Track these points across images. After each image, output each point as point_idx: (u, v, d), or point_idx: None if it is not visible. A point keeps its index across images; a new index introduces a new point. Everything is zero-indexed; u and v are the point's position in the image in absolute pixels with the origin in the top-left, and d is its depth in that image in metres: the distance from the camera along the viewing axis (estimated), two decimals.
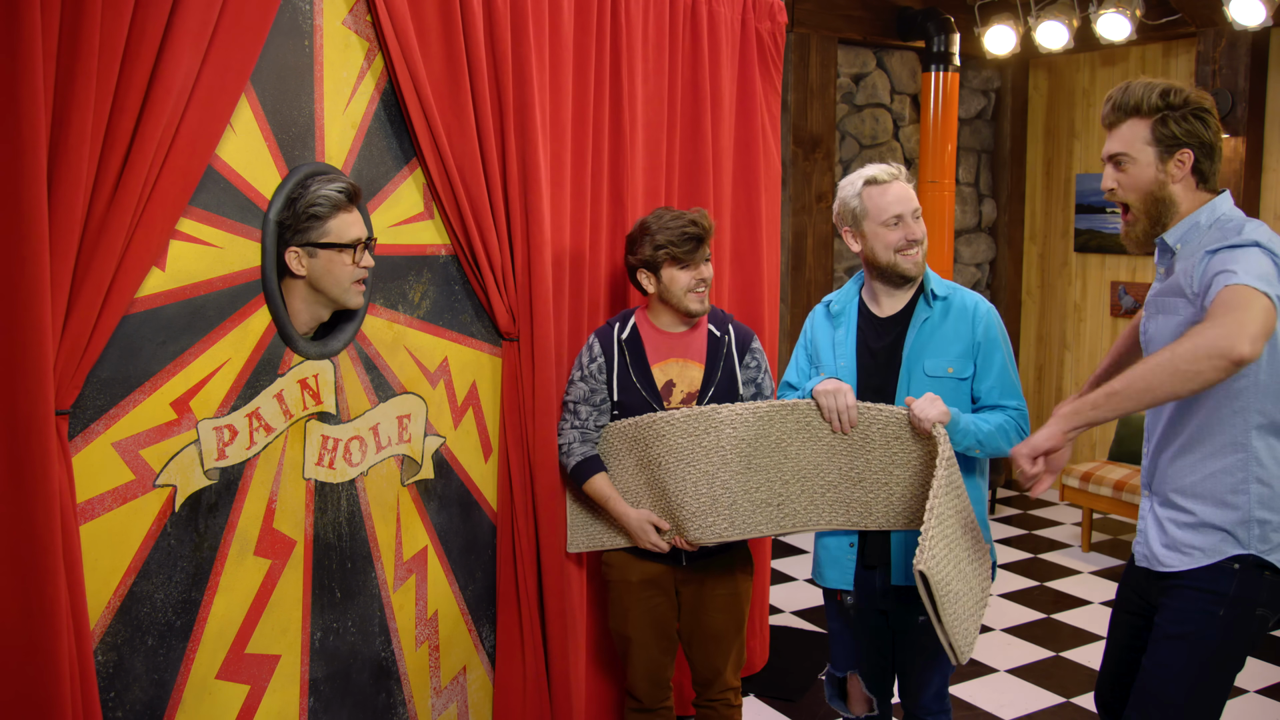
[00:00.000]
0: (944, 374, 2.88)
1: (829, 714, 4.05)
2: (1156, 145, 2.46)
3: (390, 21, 2.88)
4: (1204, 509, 2.44)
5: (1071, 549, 6.14)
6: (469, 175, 3.08)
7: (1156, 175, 2.47)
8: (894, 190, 2.92)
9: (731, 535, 3.01)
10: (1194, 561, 2.44)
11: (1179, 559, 2.47)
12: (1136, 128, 2.47)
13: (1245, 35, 5.61)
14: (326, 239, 2.68)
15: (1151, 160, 2.47)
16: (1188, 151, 2.46)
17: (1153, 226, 2.51)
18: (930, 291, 2.94)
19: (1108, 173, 2.55)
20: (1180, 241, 2.49)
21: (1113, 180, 2.53)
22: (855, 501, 2.94)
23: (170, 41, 2.39)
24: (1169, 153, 2.46)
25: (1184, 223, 2.49)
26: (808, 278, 5.73)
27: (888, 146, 6.54)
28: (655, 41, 3.64)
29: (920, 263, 2.94)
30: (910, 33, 6.08)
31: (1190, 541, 2.45)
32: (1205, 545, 2.44)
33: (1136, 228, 2.54)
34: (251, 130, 2.69)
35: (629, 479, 3.16)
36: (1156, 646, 2.47)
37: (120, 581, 2.54)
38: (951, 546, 2.64)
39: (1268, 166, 5.94)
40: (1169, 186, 2.48)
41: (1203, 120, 2.46)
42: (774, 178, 4.12)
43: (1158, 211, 2.50)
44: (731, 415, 2.99)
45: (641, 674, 3.24)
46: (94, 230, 2.32)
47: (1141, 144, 2.47)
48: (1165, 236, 2.51)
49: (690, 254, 3.05)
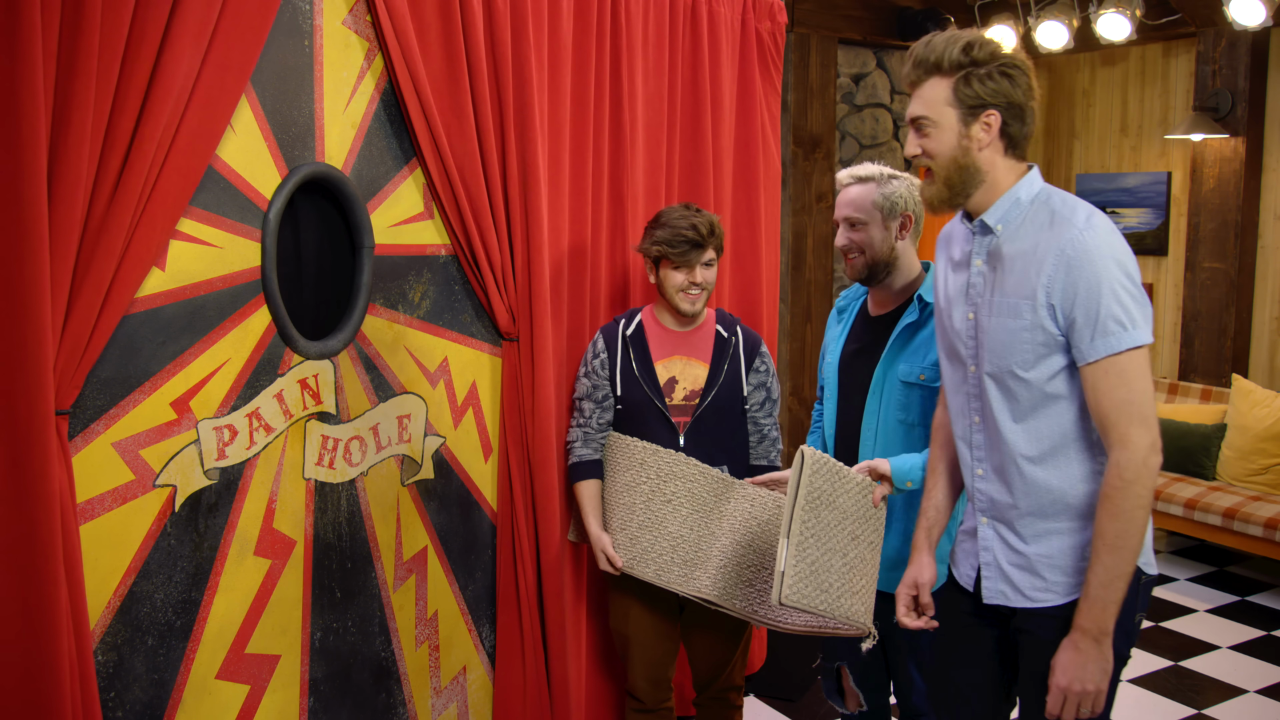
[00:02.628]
0: (916, 380, 2.80)
1: (828, 714, 4.05)
2: (959, 106, 2.20)
3: (390, 21, 2.88)
4: (1060, 543, 2.27)
5: None
6: (469, 175, 3.08)
7: (960, 140, 2.22)
8: (842, 194, 2.94)
9: (709, 596, 3.02)
10: (1068, 595, 2.26)
11: (1053, 593, 2.28)
12: (938, 87, 2.22)
13: (1245, 35, 5.61)
14: None
15: (954, 123, 2.22)
16: (994, 113, 2.20)
17: (952, 194, 2.26)
18: (918, 296, 2.87)
19: (910, 138, 2.30)
20: (1001, 221, 2.25)
21: (915, 146, 2.28)
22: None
23: (170, 41, 2.39)
24: (973, 115, 2.20)
25: (1003, 200, 2.25)
26: (807, 278, 5.73)
27: (888, 147, 6.54)
28: (655, 41, 3.64)
29: (858, 270, 2.89)
30: (910, 33, 6.07)
31: (1054, 580, 2.28)
32: (1071, 583, 2.26)
33: (930, 190, 2.29)
34: (251, 130, 2.69)
35: (629, 496, 3.13)
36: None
37: (120, 581, 2.54)
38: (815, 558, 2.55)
39: (1268, 166, 5.94)
40: (973, 153, 2.23)
41: (1010, 78, 2.19)
42: (774, 178, 4.12)
43: (961, 180, 2.24)
44: (753, 494, 3.04)
45: (642, 674, 3.24)
46: (94, 230, 2.33)
47: (943, 105, 2.21)
48: (985, 217, 2.26)
49: (683, 255, 3.05)
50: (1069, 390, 2.19)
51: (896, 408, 2.83)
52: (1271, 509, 5.14)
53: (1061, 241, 2.14)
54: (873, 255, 2.87)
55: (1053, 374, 2.19)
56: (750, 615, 3.00)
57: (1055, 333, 2.15)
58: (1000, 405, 2.27)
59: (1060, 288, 2.12)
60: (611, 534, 3.14)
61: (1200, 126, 5.64)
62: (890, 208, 2.86)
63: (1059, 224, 2.17)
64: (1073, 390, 2.19)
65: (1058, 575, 2.26)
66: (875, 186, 2.88)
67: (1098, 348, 2.09)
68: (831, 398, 2.99)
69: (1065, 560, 2.25)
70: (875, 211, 2.86)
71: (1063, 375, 2.18)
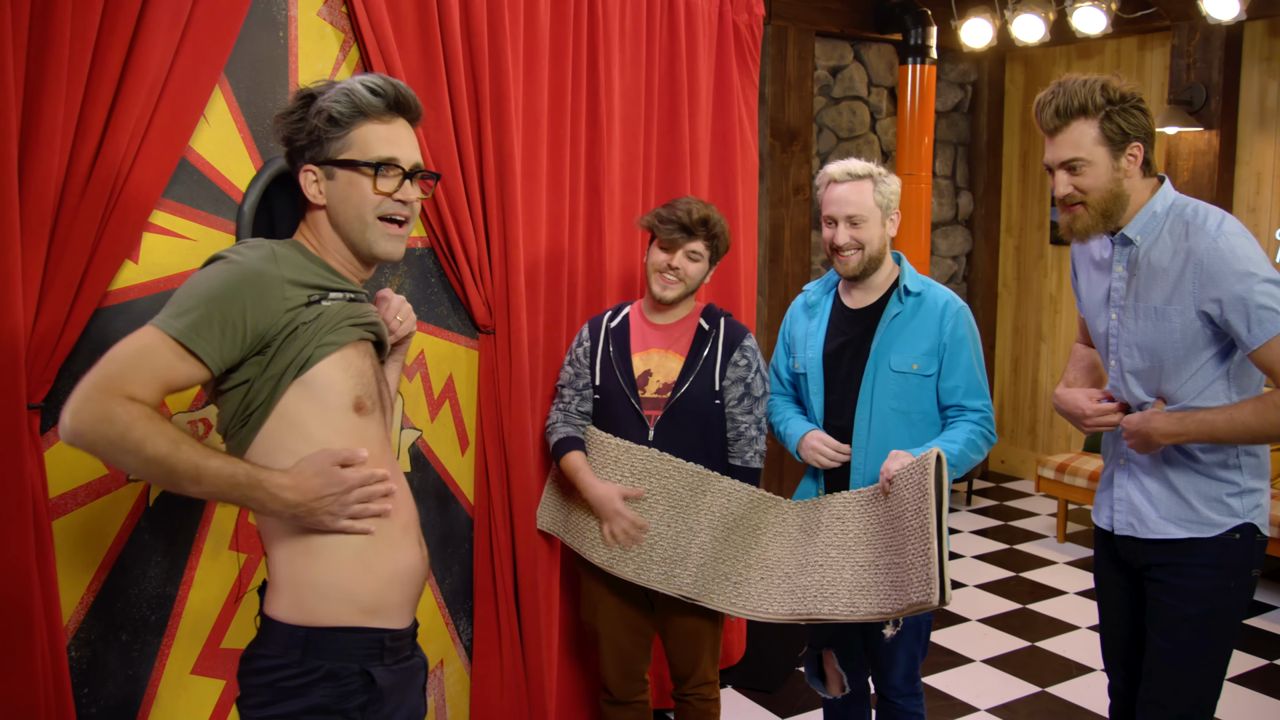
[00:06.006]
0: (909, 370, 2.90)
1: (807, 704, 4.07)
2: (1108, 144, 2.43)
3: (365, 13, 2.86)
4: (1200, 482, 2.51)
5: (1047, 539, 6.18)
6: (445, 168, 3.07)
7: (1113, 174, 2.44)
8: (837, 191, 2.95)
9: (690, 593, 3.02)
10: (1196, 533, 2.51)
11: (1178, 529, 2.53)
12: (1084, 129, 2.43)
13: (1219, 29, 5.64)
14: (347, 154, 1.95)
15: (1105, 159, 2.44)
16: (1138, 145, 2.44)
17: (1107, 223, 2.49)
18: (904, 287, 2.95)
19: (1062, 179, 2.48)
20: (1140, 233, 2.50)
21: (1068, 186, 2.48)
22: (800, 589, 2.90)
23: (143, 32, 2.37)
24: (1120, 149, 2.43)
25: (1141, 213, 2.49)
26: (785, 270, 5.73)
27: (865, 139, 6.55)
28: (632, 34, 3.63)
29: (854, 268, 2.94)
30: (887, 25, 6.08)
31: (1187, 515, 2.52)
32: (1205, 518, 2.51)
33: (1085, 221, 2.50)
34: (226, 122, 2.68)
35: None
36: (1175, 628, 2.53)
37: (94, 577, 2.52)
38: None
39: (1241, 160, 5.98)
40: (1123, 183, 2.46)
41: (1143, 111, 2.44)
42: (751, 170, 4.12)
43: (1116, 209, 2.48)
44: (729, 487, 3.05)
45: (612, 666, 3.24)
46: (66, 223, 2.31)
47: (1092, 144, 2.43)
48: (1126, 230, 2.51)
49: (668, 235, 3.04)
50: (1213, 377, 2.46)
51: (890, 397, 2.91)
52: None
53: (1200, 251, 2.39)
54: (870, 252, 2.93)
55: (1199, 366, 2.46)
56: (730, 609, 3.00)
57: (1205, 331, 2.42)
58: (1138, 388, 2.57)
59: (1208, 296, 2.38)
60: (590, 534, 3.13)
61: (1175, 120, 5.67)
62: (887, 205, 2.94)
63: (1194, 233, 2.42)
64: (1217, 374, 2.46)
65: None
66: (873, 184, 2.93)
67: (1257, 335, 2.33)
68: (818, 392, 3.01)
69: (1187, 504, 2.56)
70: (875, 209, 2.92)
71: (1210, 364, 2.45)
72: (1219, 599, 2.50)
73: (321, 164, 1.95)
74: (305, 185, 1.96)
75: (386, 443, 2.06)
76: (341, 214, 1.96)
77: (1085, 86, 2.41)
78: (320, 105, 1.93)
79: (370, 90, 1.94)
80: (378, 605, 1.93)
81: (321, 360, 1.87)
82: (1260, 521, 2.52)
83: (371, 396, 1.96)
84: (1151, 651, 2.58)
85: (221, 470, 1.77)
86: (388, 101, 1.97)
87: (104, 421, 1.68)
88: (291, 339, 1.85)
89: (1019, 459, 7.47)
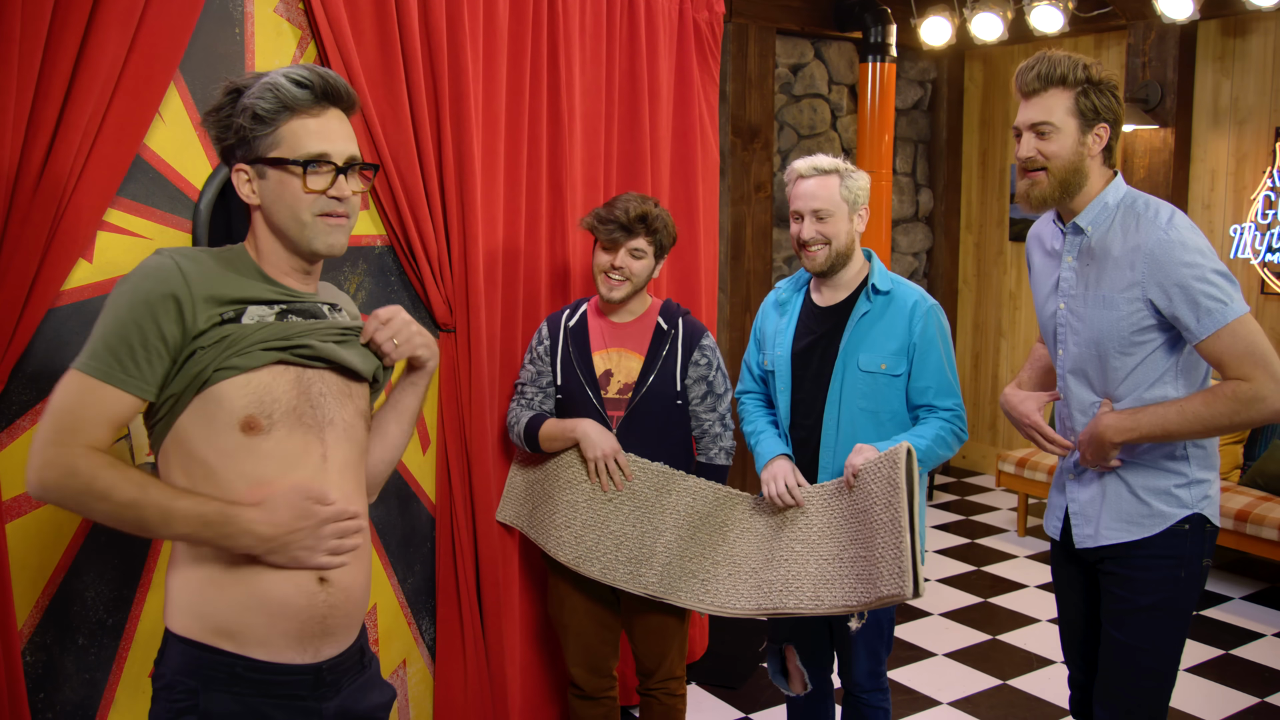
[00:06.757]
0: (877, 370, 2.88)
1: (770, 700, 4.08)
2: (1079, 117, 2.49)
3: (323, 9, 2.84)
4: (1147, 476, 2.55)
5: (1008, 533, 6.24)
6: (404, 166, 3.05)
7: (1077, 147, 2.51)
8: (804, 186, 2.95)
9: (657, 592, 3.03)
10: (1147, 530, 2.55)
11: (1130, 531, 2.56)
12: (1060, 97, 2.49)
13: (1174, 28, 5.71)
14: (276, 151, 1.87)
15: (1074, 131, 2.50)
16: (1105, 126, 2.51)
17: (1063, 194, 2.54)
18: (872, 285, 2.94)
19: (1027, 140, 2.54)
20: (1092, 224, 2.55)
21: (1033, 148, 2.53)
22: (766, 584, 2.92)
23: (95, 27, 2.34)
24: (1089, 125, 2.50)
25: (1094, 204, 2.55)
26: (746, 267, 5.74)
27: (825, 137, 6.58)
28: (593, 31, 3.63)
29: (820, 263, 2.94)
30: (848, 23, 6.11)
31: (1137, 511, 2.56)
32: (1156, 511, 2.54)
33: (1043, 188, 2.54)
34: (181, 119, 2.65)
35: (571, 494, 3.11)
36: (1126, 619, 2.57)
37: (49, 580, 2.49)
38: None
39: (1195, 157, 6.06)
40: (1085, 159, 2.52)
41: (1117, 99, 2.52)
42: (712, 167, 4.13)
43: (1074, 182, 2.53)
44: (694, 485, 3.06)
45: (580, 661, 3.24)
46: (17, 221, 2.28)
47: (1064, 114, 2.49)
48: (1078, 219, 2.56)
49: (608, 235, 3.04)
50: (1160, 370, 2.51)
51: (859, 396, 2.90)
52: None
53: (1150, 243, 2.44)
54: (837, 247, 2.91)
55: (1143, 358, 2.50)
56: (697, 605, 3.01)
57: (1152, 322, 2.47)
58: (1082, 386, 2.62)
59: (1156, 284, 2.43)
60: (555, 532, 3.12)
61: (1131, 117, 5.74)
62: (854, 200, 2.92)
63: (1145, 226, 2.48)
64: (1164, 368, 2.51)
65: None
66: (839, 179, 2.93)
67: (1205, 326, 2.38)
68: (785, 390, 3.01)
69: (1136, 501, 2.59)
70: (842, 204, 2.91)
71: (1155, 357, 2.50)
72: (1169, 589, 2.53)
73: (252, 163, 1.87)
74: (238, 185, 1.89)
75: (307, 463, 1.87)
76: (276, 213, 1.87)
77: (1070, 60, 2.49)
78: (245, 103, 1.84)
79: (295, 83, 1.84)
80: (233, 629, 1.82)
81: (221, 381, 1.79)
82: (1210, 512, 2.55)
83: (273, 415, 1.82)
84: (1106, 643, 2.61)
85: (190, 511, 1.74)
86: (315, 93, 1.86)
87: (69, 475, 1.68)
88: (191, 361, 1.78)
89: (979, 454, 7.53)
